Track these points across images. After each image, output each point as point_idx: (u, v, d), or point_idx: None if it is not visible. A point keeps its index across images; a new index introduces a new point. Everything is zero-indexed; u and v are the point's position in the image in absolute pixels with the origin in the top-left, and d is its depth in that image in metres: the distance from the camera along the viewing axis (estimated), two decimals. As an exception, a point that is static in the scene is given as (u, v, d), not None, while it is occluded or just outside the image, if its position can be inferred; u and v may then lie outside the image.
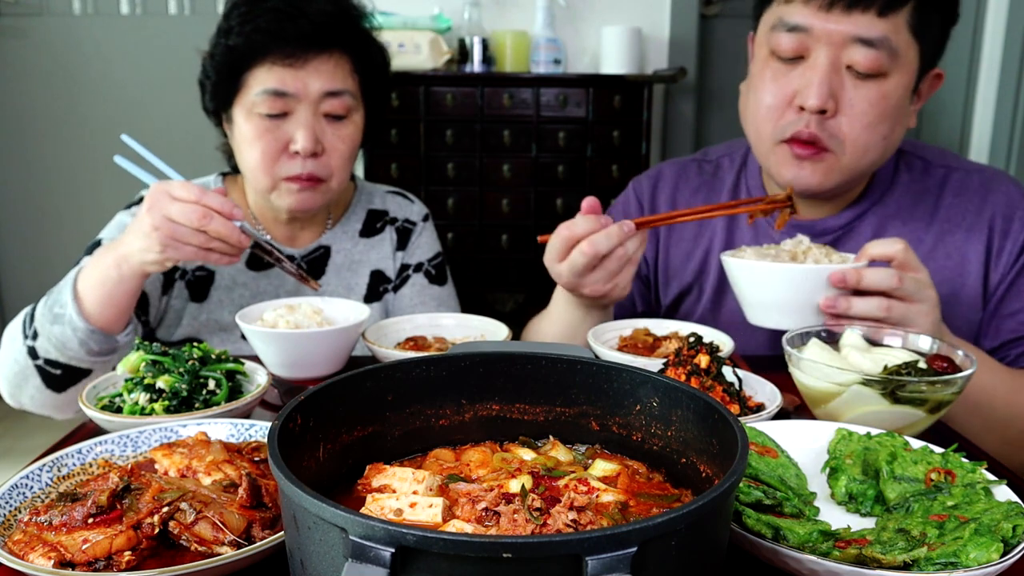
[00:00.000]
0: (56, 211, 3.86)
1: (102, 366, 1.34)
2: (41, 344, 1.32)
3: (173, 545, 0.72)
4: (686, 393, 0.71)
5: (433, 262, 1.78)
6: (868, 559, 0.66)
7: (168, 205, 1.23)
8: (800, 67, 1.32)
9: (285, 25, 1.46)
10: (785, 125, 1.35)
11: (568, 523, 0.60)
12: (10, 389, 1.39)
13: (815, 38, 1.29)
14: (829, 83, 1.29)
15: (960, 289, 1.42)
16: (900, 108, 1.34)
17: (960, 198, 1.46)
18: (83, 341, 1.29)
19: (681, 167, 1.70)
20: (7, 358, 1.37)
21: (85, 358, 1.32)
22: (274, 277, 1.63)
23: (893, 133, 1.36)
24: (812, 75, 1.30)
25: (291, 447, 0.61)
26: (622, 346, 1.31)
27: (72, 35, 3.71)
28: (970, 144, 3.51)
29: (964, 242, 1.43)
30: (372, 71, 1.60)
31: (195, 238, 1.24)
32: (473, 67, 3.20)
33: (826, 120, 1.32)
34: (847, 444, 0.88)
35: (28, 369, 1.34)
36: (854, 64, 1.28)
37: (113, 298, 1.30)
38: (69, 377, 1.34)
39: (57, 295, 1.33)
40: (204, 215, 1.23)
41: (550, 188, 3.16)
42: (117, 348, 1.35)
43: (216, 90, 1.54)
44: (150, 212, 1.24)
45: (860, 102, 1.30)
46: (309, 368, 1.26)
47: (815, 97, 1.29)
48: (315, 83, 1.49)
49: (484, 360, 0.78)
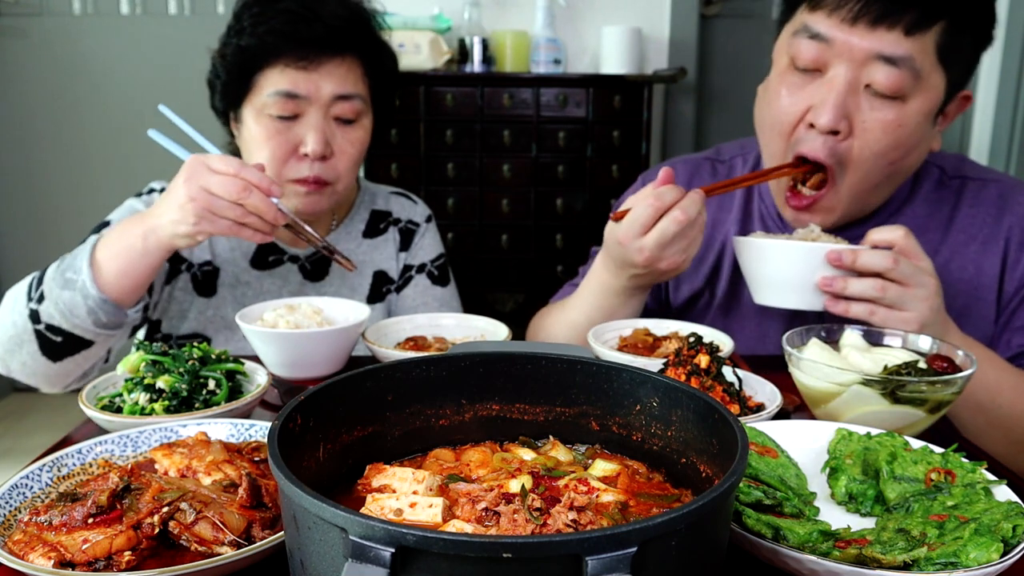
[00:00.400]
0: (56, 210, 3.86)
1: (104, 340, 1.32)
2: (46, 308, 1.29)
3: (173, 545, 0.72)
4: (686, 393, 0.71)
5: (436, 263, 1.78)
6: (868, 559, 0.66)
7: (207, 176, 1.21)
8: (817, 81, 1.29)
9: (299, 27, 1.46)
10: (796, 141, 1.32)
11: (568, 523, 0.60)
12: (1, 355, 1.36)
13: (836, 52, 1.25)
14: (844, 103, 1.25)
15: (975, 301, 1.39)
16: (915, 136, 1.29)
17: (976, 209, 1.43)
18: (92, 310, 1.27)
19: (694, 165, 1.68)
20: (3, 320, 1.34)
21: (90, 328, 1.29)
22: (278, 276, 1.63)
23: (903, 160, 1.32)
24: (828, 92, 1.26)
25: (291, 447, 0.61)
26: (622, 346, 1.31)
27: (72, 35, 3.71)
28: (970, 144, 3.51)
29: (980, 254, 1.41)
30: (382, 76, 1.61)
31: (232, 211, 1.22)
32: (473, 67, 3.20)
33: (838, 142, 1.28)
34: (847, 444, 0.88)
35: (26, 334, 1.31)
36: (873, 83, 1.24)
37: (133, 270, 1.28)
38: (69, 346, 1.31)
39: (72, 260, 1.30)
40: (244, 187, 1.21)
41: (550, 188, 3.16)
42: (124, 323, 1.33)
43: (226, 90, 1.53)
44: (187, 183, 1.21)
45: (874, 126, 1.26)
46: (309, 368, 1.26)
47: (828, 115, 1.25)
48: (327, 86, 1.49)
49: (484, 360, 0.78)
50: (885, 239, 1.17)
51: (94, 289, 1.26)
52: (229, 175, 1.21)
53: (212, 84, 1.58)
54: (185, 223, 1.23)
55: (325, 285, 1.67)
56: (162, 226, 1.25)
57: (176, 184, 1.23)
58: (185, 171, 1.23)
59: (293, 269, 1.65)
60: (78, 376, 1.40)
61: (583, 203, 3.17)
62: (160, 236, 1.26)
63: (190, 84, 3.81)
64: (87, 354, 1.34)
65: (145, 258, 1.28)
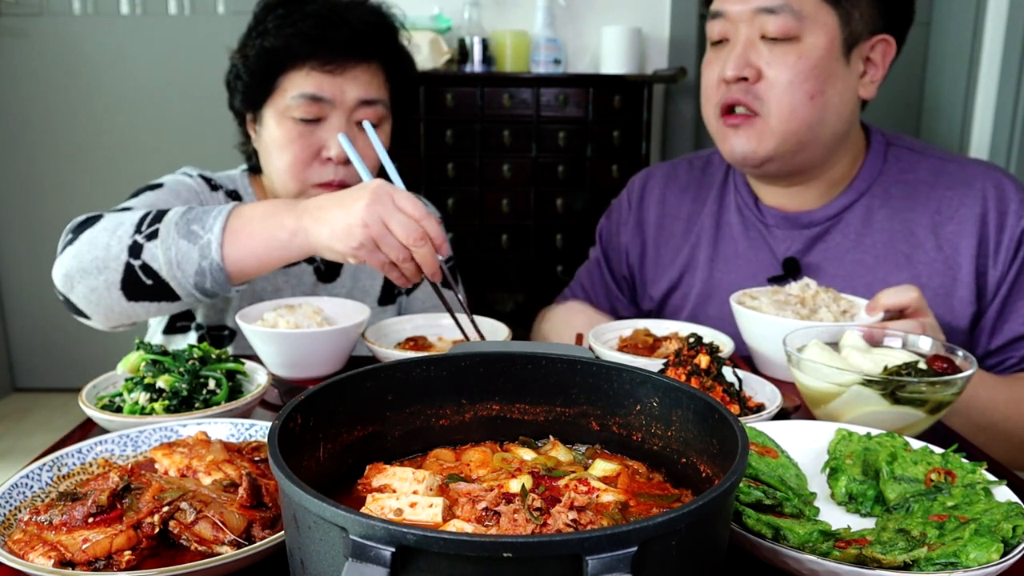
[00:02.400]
0: (55, 210, 3.85)
1: (192, 302, 1.29)
2: (152, 248, 1.23)
3: (173, 545, 0.72)
4: (686, 393, 0.71)
5: (446, 266, 1.78)
6: (868, 559, 0.66)
7: (390, 210, 1.17)
8: (726, 49, 1.45)
9: (328, 32, 1.47)
10: (718, 101, 1.46)
11: (568, 523, 0.60)
12: (71, 271, 1.27)
13: (732, 21, 1.42)
14: (745, 54, 1.40)
15: (952, 281, 1.43)
16: (823, 68, 1.39)
17: (953, 191, 1.46)
18: (202, 271, 1.23)
19: (671, 168, 1.75)
20: (94, 241, 1.27)
21: (188, 288, 1.25)
22: (292, 276, 1.64)
23: (824, 93, 1.40)
24: (730, 50, 1.43)
25: (291, 447, 0.61)
26: (622, 346, 1.31)
27: (72, 35, 3.71)
28: (970, 144, 3.51)
29: (956, 234, 1.44)
30: (403, 82, 1.62)
31: (397, 253, 1.18)
32: (473, 67, 3.20)
33: (751, 86, 1.41)
34: (847, 444, 0.88)
35: (115, 262, 1.24)
36: (766, 32, 1.39)
37: (265, 256, 1.24)
38: (154, 292, 1.26)
39: (203, 215, 1.25)
40: (421, 237, 1.17)
41: (550, 188, 3.16)
42: (219, 297, 1.29)
43: (248, 91, 1.53)
44: (368, 208, 1.16)
45: (776, 63, 1.39)
46: (309, 368, 1.26)
47: (730, 67, 1.41)
48: (352, 91, 1.49)
49: (484, 360, 0.78)
50: (899, 303, 1.20)
51: (218, 255, 1.22)
52: (413, 218, 1.18)
53: (232, 85, 1.58)
54: (347, 244, 1.17)
55: (337, 286, 1.67)
56: (319, 234, 1.19)
57: (355, 203, 1.17)
58: (369, 195, 1.17)
59: (308, 271, 1.65)
60: (135, 322, 1.34)
61: (583, 203, 3.17)
62: (311, 241, 1.21)
63: (190, 84, 3.83)
64: (163, 306, 1.29)
65: (282, 251, 1.23)
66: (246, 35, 1.55)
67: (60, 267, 1.29)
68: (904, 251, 1.45)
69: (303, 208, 1.23)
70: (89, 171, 3.84)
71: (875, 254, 1.47)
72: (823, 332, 1.12)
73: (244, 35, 1.55)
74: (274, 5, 1.52)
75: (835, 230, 1.50)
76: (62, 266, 1.28)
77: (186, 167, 1.62)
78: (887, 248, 1.46)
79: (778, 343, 1.09)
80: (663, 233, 1.68)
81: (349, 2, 1.54)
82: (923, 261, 1.44)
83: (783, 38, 1.38)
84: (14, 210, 3.89)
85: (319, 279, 1.66)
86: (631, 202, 1.75)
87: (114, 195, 1.79)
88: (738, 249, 1.58)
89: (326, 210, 1.20)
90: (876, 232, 1.48)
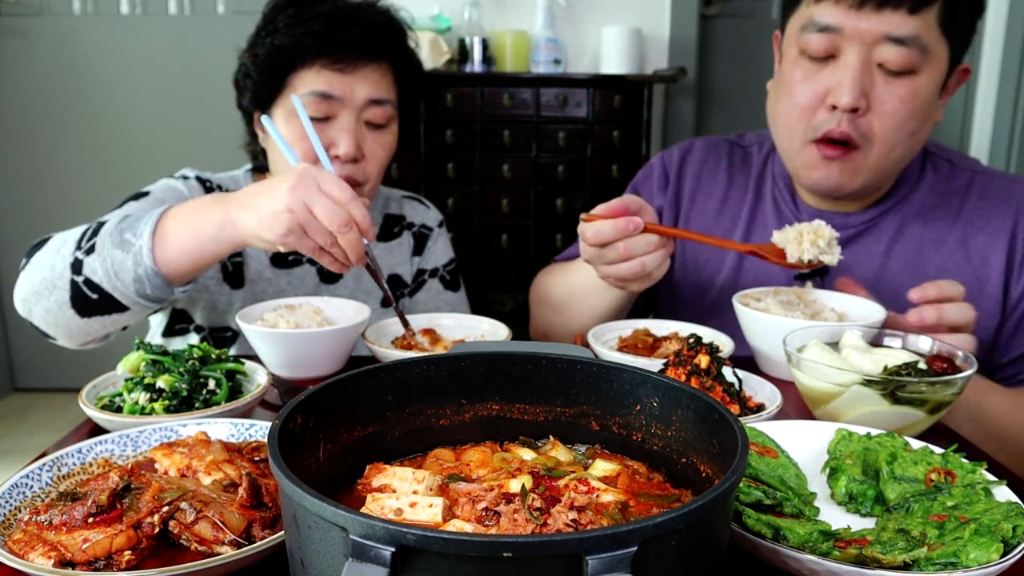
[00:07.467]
0: (55, 210, 3.86)
1: (140, 310, 1.28)
2: (91, 262, 1.23)
3: (173, 545, 0.72)
4: (686, 393, 0.71)
5: (448, 268, 1.79)
6: (868, 559, 0.66)
7: (314, 195, 1.15)
8: (831, 66, 1.33)
9: (338, 31, 1.47)
10: (817, 124, 1.35)
11: (568, 523, 0.60)
12: (26, 295, 1.29)
13: (846, 37, 1.30)
14: (861, 81, 1.29)
15: (979, 293, 1.41)
16: (929, 105, 1.34)
17: (984, 201, 1.46)
18: (140, 279, 1.22)
19: (713, 144, 1.70)
20: (41, 263, 1.28)
21: (131, 296, 1.24)
22: (295, 276, 1.64)
23: (921, 130, 1.36)
24: (844, 74, 1.30)
25: (291, 447, 0.61)
26: (622, 346, 1.31)
27: (72, 35, 3.71)
28: (970, 144, 3.51)
29: (986, 245, 1.43)
30: (411, 83, 1.62)
31: (323, 238, 1.17)
32: (473, 67, 3.20)
33: (857, 118, 1.32)
34: (847, 444, 0.88)
35: (61, 281, 1.25)
36: (885, 62, 1.29)
37: (197, 253, 1.22)
38: (101, 306, 1.26)
39: (134, 222, 1.24)
40: (347, 222, 1.16)
41: (550, 188, 3.17)
42: (166, 301, 1.29)
43: (258, 89, 1.53)
44: (292, 192, 1.14)
45: (891, 100, 1.31)
46: (309, 368, 1.26)
47: (848, 95, 1.29)
48: (361, 90, 1.50)
49: (484, 360, 0.78)
50: (950, 293, 1.19)
51: (149, 260, 1.21)
52: (338, 202, 1.16)
53: (241, 84, 1.58)
54: (273, 231, 1.16)
55: (340, 288, 1.67)
56: (246, 223, 1.18)
57: (278, 188, 1.16)
58: (293, 179, 1.16)
59: (311, 271, 1.65)
60: (100, 337, 1.35)
61: (583, 203, 3.17)
62: (239, 231, 1.19)
63: (190, 84, 3.83)
64: (116, 318, 1.29)
65: (213, 246, 1.22)
66: (256, 34, 1.55)
67: (17, 292, 1.31)
68: (935, 260, 1.44)
69: (232, 199, 1.21)
70: (89, 171, 3.84)
71: (904, 260, 1.45)
72: (823, 332, 1.12)
73: (253, 34, 1.55)
74: (284, 4, 1.52)
75: (868, 234, 1.48)
76: (19, 291, 1.31)
77: (185, 169, 1.62)
78: (917, 256, 1.45)
79: (779, 343, 1.09)
80: (695, 208, 1.65)
81: (359, 3, 1.55)
82: (952, 271, 1.42)
83: (901, 72, 1.30)
84: (14, 210, 3.89)
85: (321, 280, 1.66)
86: (668, 172, 1.69)
87: (114, 195, 1.79)
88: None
89: (252, 198, 1.19)
90: (908, 240, 1.46)
